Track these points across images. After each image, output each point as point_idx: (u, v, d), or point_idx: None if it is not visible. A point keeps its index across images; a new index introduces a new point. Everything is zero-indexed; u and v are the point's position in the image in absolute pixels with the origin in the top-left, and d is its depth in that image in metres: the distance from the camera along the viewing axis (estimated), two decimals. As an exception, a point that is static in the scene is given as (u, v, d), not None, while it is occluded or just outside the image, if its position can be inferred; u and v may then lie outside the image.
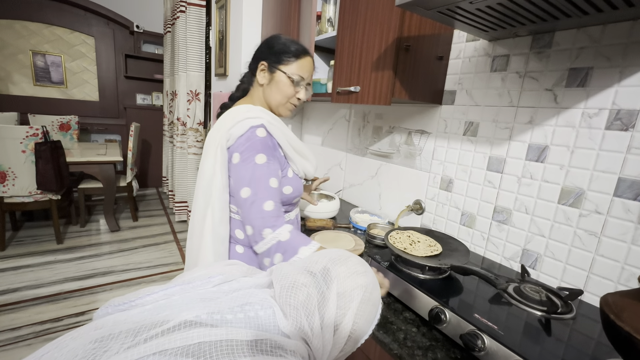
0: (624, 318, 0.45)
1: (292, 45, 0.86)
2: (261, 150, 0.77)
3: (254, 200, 0.75)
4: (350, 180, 1.65)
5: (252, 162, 0.76)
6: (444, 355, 0.64)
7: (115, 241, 2.82)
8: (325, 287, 0.44)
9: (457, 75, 1.08)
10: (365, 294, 0.46)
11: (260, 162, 0.76)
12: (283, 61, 0.85)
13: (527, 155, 0.91)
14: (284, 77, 0.85)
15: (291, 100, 0.88)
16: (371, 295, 0.48)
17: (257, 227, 0.75)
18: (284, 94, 0.86)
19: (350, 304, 0.44)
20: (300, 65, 0.86)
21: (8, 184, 2.34)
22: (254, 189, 0.76)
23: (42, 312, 1.84)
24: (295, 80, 0.85)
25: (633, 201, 0.72)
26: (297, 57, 0.85)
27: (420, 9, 0.73)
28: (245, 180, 0.76)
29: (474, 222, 1.06)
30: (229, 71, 2.38)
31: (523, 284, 0.78)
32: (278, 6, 1.64)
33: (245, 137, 0.78)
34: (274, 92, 0.86)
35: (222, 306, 0.40)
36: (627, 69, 0.72)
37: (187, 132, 2.99)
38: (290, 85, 0.86)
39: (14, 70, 3.87)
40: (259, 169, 0.76)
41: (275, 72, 0.85)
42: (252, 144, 0.77)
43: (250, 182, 0.76)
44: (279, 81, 0.85)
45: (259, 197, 0.75)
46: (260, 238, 0.75)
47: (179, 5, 2.84)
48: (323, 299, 0.43)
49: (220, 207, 0.82)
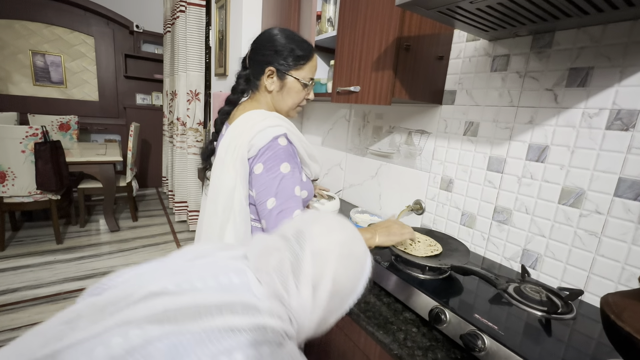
0: (625, 318, 0.45)
1: (299, 47, 0.81)
2: (285, 159, 0.75)
3: (282, 210, 0.73)
4: (350, 180, 1.65)
5: (277, 171, 0.74)
6: (444, 355, 0.64)
7: (115, 241, 2.82)
8: (299, 248, 0.43)
9: (457, 75, 1.08)
10: (343, 249, 0.45)
11: (285, 171, 0.74)
12: (293, 67, 0.80)
13: (528, 155, 0.91)
14: (296, 84, 0.81)
15: (301, 103, 0.87)
16: (351, 251, 0.47)
17: None
18: (297, 100, 0.84)
19: (326, 261, 0.43)
20: (310, 67, 0.82)
21: (8, 184, 2.33)
22: (280, 199, 0.73)
23: (42, 312, 1.84)
24: (308, 84, 0.83)
25: (633, 201, 0.72)
26: (307, 59, 0.82)
27: (420, 9, 0.73)
28: (271, 191, 0.73)
29: (474, 222, 1.06)
30: (228, 71, 2.38)
31: (523, 284, 0.78)
32: (278, 6, 1.64)
33: (268, 147, 0.75)
34: (286, 98, 0.83)
35: (192, 276, 0.40)
36: (627, 69, 0.72)
37: (187, 132, 2.99)
38: (302, 90, 0.84)
39: (13, 70, 3.87)
40: (285, 178, 0.74)
41: (286, 79, 0.81)
42: (276, 153, 0.74)
43: (277, 193, 0.73)
44: (290, 88, 0.82)
45: (287, 207, 0.73)
46: None
47: (179, 5, 2.83)
48: (297, 260, 0.42)
49: (243, 220, 0.79)
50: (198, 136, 3.01)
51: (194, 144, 2.99)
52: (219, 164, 0.80)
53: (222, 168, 0.78)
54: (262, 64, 0.81)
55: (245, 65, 0.88)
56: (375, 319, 0.74)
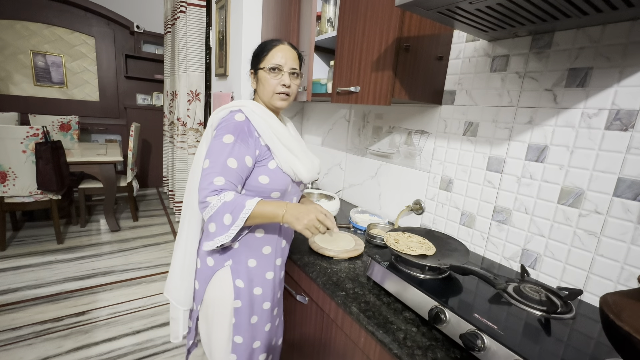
0: (624, 318, 0.45)
1: (261, 47, 0.92)
2: (231, 132, 0.82)
3: (208, 173, 0.79)
4: (350, 180, 1.65)
5: (220, 139, 0.81)
6: (444, 355, 0.64)
7: (115, 241, 2.82)
8: None
9: (457, 75, 1.08)
10: None
11: (227, 141, 0.81)
12: (260, 61, 0.90)
13: (527, 155, 0.91)
14: (264, 72, 0.89)
15: (276, 89, 0.89)
16: None
17: (203, 195, 0.77)
18: (269, 87, 0.90)
19: None
20: (272, 55, 0.89)
21: (8, 184, 2.34)
22: (211, 162, 0.80)
23: (42, 312, 1.84)
24: (272, 68, 0.88)
25: (632, 201, 0.72)
26: (269, 50, 0.89)
27: (420, 9, 0.73)
28: (209, 153, 0.81)
29: (474, 222, 1.06)
30: (229, 71, 2.38)
31: (523, 283, 0.78)
32: (278, 6, 1.64)
33: (225, 119, 0.85)
34: (261, 89, 0.91)
35: None
36: (626, 69, 0.72)
37: (188, 132, 3.00)
38: (270, 75, 0.89)
39: (14, 71, 3.87)
40: (223, 146, 0.80)
41: (258, 73, 0.91)
42: (227, 125, 0.83)
43: (211, 155, 0.80)
44: (261, 78, 0.90)
45: (212, 171, 0.79)
46: (206, 204, 0.77)
47: (179, 6, 2.84)
48: None
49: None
50: (198, 136, 3.02)
51: (194, 144, 2.99)
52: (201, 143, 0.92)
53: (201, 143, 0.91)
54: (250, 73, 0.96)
55: None
56: (375, 318, 0.75)
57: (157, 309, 1.97)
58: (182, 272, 0.96)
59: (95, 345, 1.63)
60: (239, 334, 0.92)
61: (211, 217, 0.78)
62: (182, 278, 0.96)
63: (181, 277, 0.96)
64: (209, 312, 0.93)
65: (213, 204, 0.76)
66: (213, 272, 0.91)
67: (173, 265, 0.98)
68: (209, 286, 0.92)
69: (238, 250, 0.90)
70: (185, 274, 0.96)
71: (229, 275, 0.90)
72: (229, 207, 0.76)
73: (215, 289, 0.91)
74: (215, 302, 0.91)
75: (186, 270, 0.96)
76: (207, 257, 0.92)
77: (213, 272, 0.91)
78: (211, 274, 0.91)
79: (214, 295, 0.91)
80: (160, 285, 2.21)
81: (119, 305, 1.96)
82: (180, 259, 0.96)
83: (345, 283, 0.90)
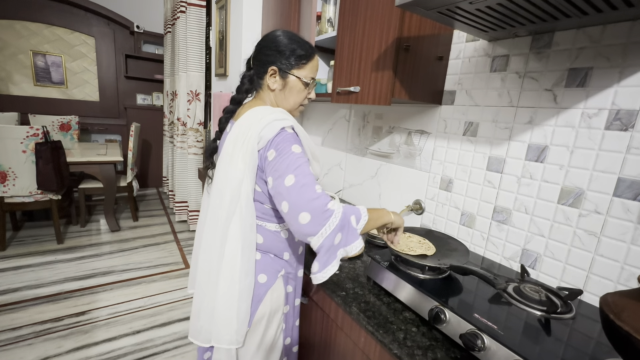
0: (624, 318, 0.45)
1: (301, 47, 0.82)
2: (295, 142, 0.75)
3: (304, 184, 0.69)
4: (350, 180, 1.65)
5: (289, 151, 0.72)
6: (444, 355, 0.64)
7: (115, 241, 2.82)
8: None
9: (457, 75, 1.08)
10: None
11: (297, 151, 0.73)
12: (295, 66, 0.82)
13: (527, 155, 0.91)
14: (298, 83, 0.83)
15: (303, 102, 0.87)
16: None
17: (320, 204, 0.67)
18: (299, 99, 0.85)
19: None
20: (311, 67, 0.84)
21: (8, 184, 2.34)
22: (298, 175, 0.70)
23: (42, 312, 1.84)
24: (309, 83, 0.84)
25: (632, 201, 0.72)
26: (309, 59, 0.83)
27: (420, 9, 0.73)
28: (288, 169, 0.71)
29: (474, 222, 1.06)
30: (229, 71, 2.38)
31: (523, 283, 0.78)
32: (278, 6, 1.64)
33: (276, 136, 0.75)
34: (288, 97, 0.84)
35: None
36: (626, 69, 0.72)
37: (188, 132, 3.00)
38: (304, 89, 0.85)
39: (14, 71, 3.88)
40: (299, 157, 0.73)
41: (288, 78, 0.82)
42: (285, 138, 0.74)
43: (294, 170, 0.70)
44: (292, 87, 0.83)
45: (307, 182, 0.69)
46: (329, 213, 0.68)
47: (179, 6, 2.84)
48: None
49: (250, 213, 0.78)
50: (198, 136, 3.02)
51: (194, 144, 3.00)
52: (225, 159, 0.79)
53: (229, 161, 0.78)
54: (265, 64, 0.83)
55: (249, 65, 0.90)
56: (375, 318, 0.75)
57: (157, 309, 1.97)
58: (231, 305, 0.78)
59: (95, 345, 1.63)
60: (288, 336, 0.93)
61: (340, 223, 0.69)
62: (239, 312, 0.78)
63: (236, 311, 0.78)
64: (258, 329, 0.83)
65: (337, 210, 0.69)
66: (267, 288, 0.83)
67: (218, 301, 0.79)
68: (261, 305, 0.82)
69: (290, 257, 0.88)
70: (242, 307, 0.78)
71: (281, 285, 0.86)
72: (349, 209, 0.72)
73: (267, 304, 0.83)
74: (266, 317, 0.83)
75: (244, 301, 0.79)
76: (260, 273, 0.82)
77: (267, 289, 0.83)
78: (264, 292, 0.82)
79: (265, 311, 0.83)
80: (160, 285, 2.21)
81: (119, 305, 1.97)
82: (226, 292, 0.78)
83: (345, 283, 0.90)
